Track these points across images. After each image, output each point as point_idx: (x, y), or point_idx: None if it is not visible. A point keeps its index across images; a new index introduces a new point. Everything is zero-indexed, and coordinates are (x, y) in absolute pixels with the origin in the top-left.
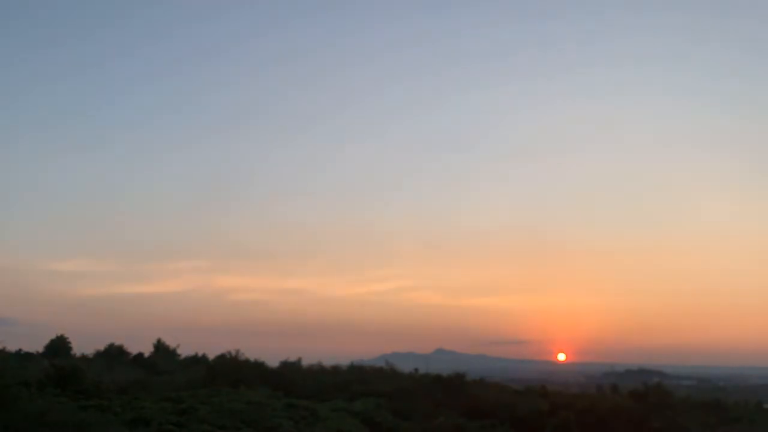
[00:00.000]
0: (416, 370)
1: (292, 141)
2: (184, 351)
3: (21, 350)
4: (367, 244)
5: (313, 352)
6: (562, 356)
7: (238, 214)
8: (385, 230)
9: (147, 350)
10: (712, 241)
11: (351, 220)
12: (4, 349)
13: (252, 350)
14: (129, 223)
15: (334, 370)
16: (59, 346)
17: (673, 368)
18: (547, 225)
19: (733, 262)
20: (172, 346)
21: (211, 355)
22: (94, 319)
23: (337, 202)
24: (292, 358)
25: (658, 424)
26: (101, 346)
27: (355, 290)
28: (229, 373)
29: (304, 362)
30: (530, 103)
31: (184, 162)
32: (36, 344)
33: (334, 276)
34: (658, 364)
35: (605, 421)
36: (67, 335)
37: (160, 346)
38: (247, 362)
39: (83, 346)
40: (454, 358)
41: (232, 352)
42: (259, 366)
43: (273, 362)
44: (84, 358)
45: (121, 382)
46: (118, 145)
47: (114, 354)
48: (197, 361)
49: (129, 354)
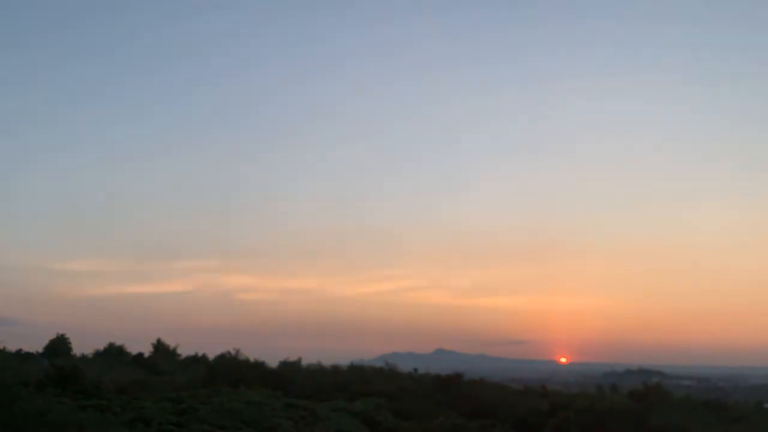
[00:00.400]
0: (416, 370)
1: (301, 141)
2: (186, 351)
3: (21, 350)
4: (375, 245)
5: (313, 352)
6: (562, 357)
7: (246, 214)
8: (394, 231)
9: (150, 350)
10: (712, 242)
11: (359, 221)
12: (4, 349)
13: (256, 350)
14: (137, 223)
15: (334, 370)
16: (59, 346)
17: (673, 368)
18: (549, 226)
19: (733, 262)
20: (173, 346)
21: (212, 355)
22: (98, 319)
23: (344, 203)
24: (292, 358)
25: (657, 424)
26: (102, 346)
27: (361, 290)
28: (229, 373)
29: (304, 362)
30: (535, 105)
31: (192, 161)
32: (38, 344)
33: (342, 276)
34: (658, 364)
35: (605, 421)
36: (71, 335)
37: (160, 346)
38: (246, 362)
39: (84, 346)
40: (454, 358)
41: (232, 352)
42: (259, 366)
43: (273, 362)
44: (84, 358)
45: (121, 382)
46: (124, 145)
47: (114, 354)
48: (197, 361)
49: (129, 354)
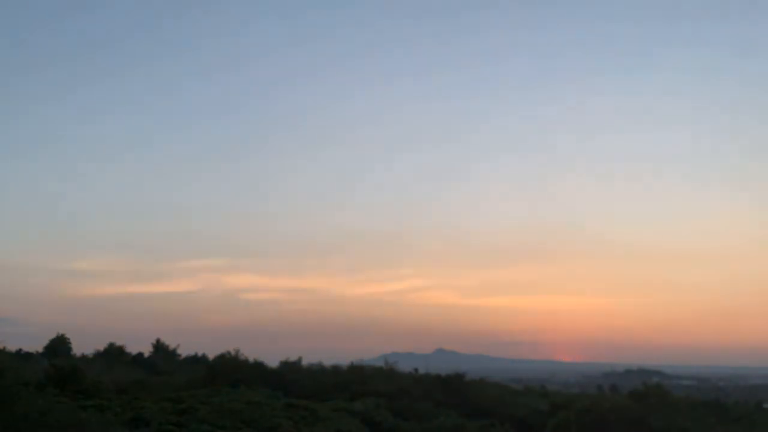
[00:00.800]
0: (416, 370)
1: (309, 142)
2: (187, 351)
3: (21, 350)
4: (383, 245)
5: (315, 352)
6: (563, 357)
7: (256, 213)
8: (403, 231)
9: (150, 350)
10: (712, 242)
11: (368, 221)
12: (4, 349)
13: (258, 350)
14: (146, 223)
15: (335, 370)
16: (59, 346)
17: (673, 368)
18: (550, 227)
19: (733, 262)
20: (173, 346)
21: (213, 355)
22: (102, 319)
23: (354, 203)
24: (292, 358)
25: (657, 424)
26: (103, 346)
27: (367, 290)
28: (229, 373)
29: (305, 362)
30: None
31: (201, 161)
32: (38, 344)
33: (349, 276)
34: (658, 364)
35: (605, 421)
36: (75, 335)
37: (159, 346)
38: (246, 362)
39: (85, 346)
40: (454, 358)
41: (232, 352)
42: (259, 366)
43: (273, 362)
44: (84, 358)
45: (121, 382)
46: (133, 146)
47: (114, 354)
48: (197, 361)
49: (129, 354)
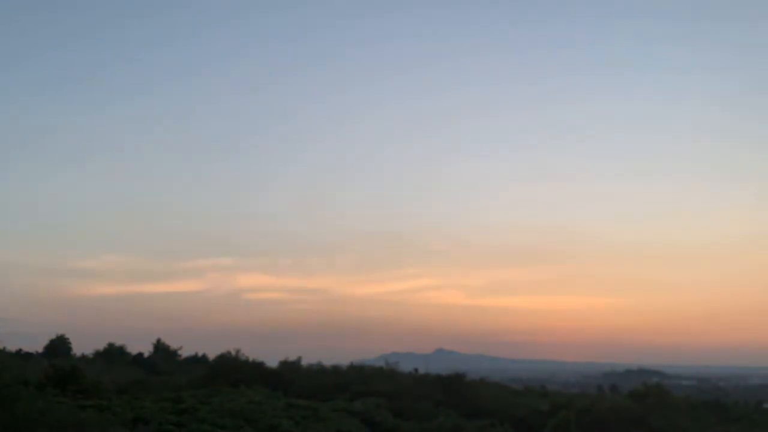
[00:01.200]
0: (416, 370)
1: (320, 142)
2: (189, 351)
3: (21, 350)
4: (391, 245)
5: (316, 352)
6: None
7: (264, 213)
8: (412, 231)
9: (151, 350)
10: (713, 242)
11: (378, 221)
12: (4, 349)
13: (260, 350)
14: (156, 222)
15: (335, 370)
16: (59, 346)
17: (673, 368)
18: (551, 228)
19: (733, 262)
20: (174, 346)
21: (214, 355)
22: (105, 319)
23: (362, 202)
24: (292, 358)
25: (657, 424)
26: (102, 346)
27: (374, 290)
28: (229, 373)
29: (304, 362)
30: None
31: (211, 161)
32: (38, 344)
33: (357, 275)
34: (658, 364)
35: (605, 421)
36: (79, 335)
37: (159, 346)
38: (246, 362)
39: (86, 346)
40: (454, 358)
41: (232, 352)
42: (259, 366)
43: (274, 362)
44: (84, 358)
45: (121, 382)
46: (141, 145)
47: (114, 354)
48: (197, 361)
49: (129, 354)
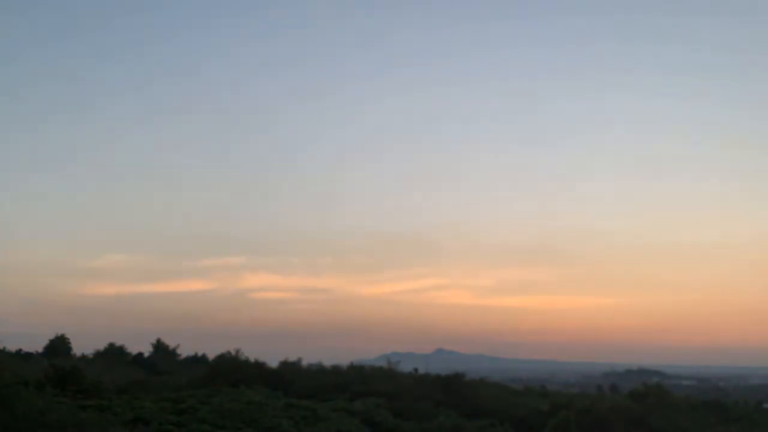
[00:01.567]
0: (416, 370)
1: (330, 142)
2: (188, 351)
3: (21, 350)
4: (401, 245)
5: (318, 352)
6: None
7: (275, 212)
8: (420, 230)
9: (150, 350)
10: (713, 242)
11: (387, 220)
12: (4, 349)
13: (261, 350)
14: (164, 220)
15: (335, 370)
16: (59, 346)
17: (673, 368)
18: (552, 228)
19: (733, 262)
20: (173, 345)
21: (214, 355)
22: (112, 319)
23: (372, 202)
24: (292, 358)
25: (657, 424)
26: (102, 346)
27: (381, 289)
28: (229, 373)
29: (305, 362)
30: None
31: (219, 160)
32: (38, 344)
33: (364, 275)
34: (658, 364)
35: (605, 421)
36: (83, 335)
37: (159, 346)
38: (246, 362)
39: (84, 346)
40: (454, 358)
41: (232, 352)
42: (259, 366)
43: (273, 362)
44: (84, 358)
45: (121, 382)
46: (146, 144)
47: (114, 354)
48: (197, 361)
49: (129, 354)
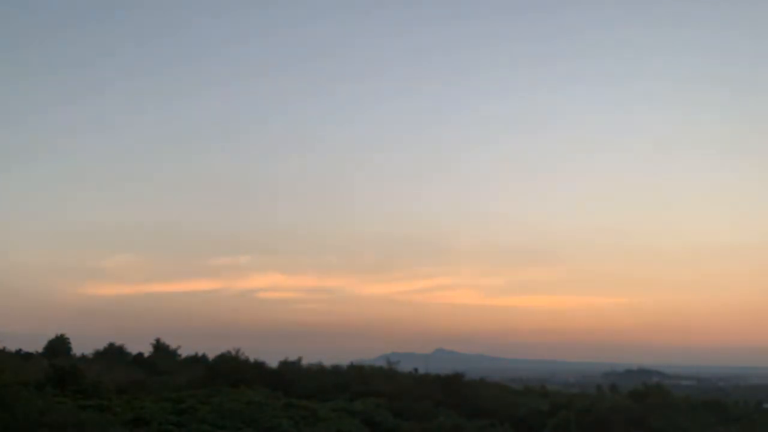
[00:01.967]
0: (416, 370)
1: (339, 141)
2: (189, 351)
3: (21, 350)
4: (409, 245)
5: (318, 352)
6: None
7: (284, 212)
8: (427, 231)
9: (150, 350)
10: (713, 242)
11: (395, 220)
12: (4, 349)
13: (262, 350)
14: (173, 219)
15: (334, 370)
16: (59, 346)
17: (673, 368)
18: (553, 227)
19: (734, 262)
20: (174, 346)
21: (214, 355)
22: (116, 319)
23: (381, 201)
24: (292, 358)
25: (657, 424)
26: (102, 346)
27: (388, 289)
28: (229, 373)
29: (305, 362)
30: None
31: (228, 159)
32: (38, 344)
33: (371, 275)
34: (658, 364)
35: (605, 421)
36: (85, 335)
37: (159, 346)
38: (246, 362)
39: (84, 346)
40: (454, 358)
41: (232, 352)
42: (259, 366)
43: (275, 362)
44: (83, 358)
45: (121, 382)
46: (150, 144)
47: (114, 354)
48: (197, 361)
49: (129, 354)
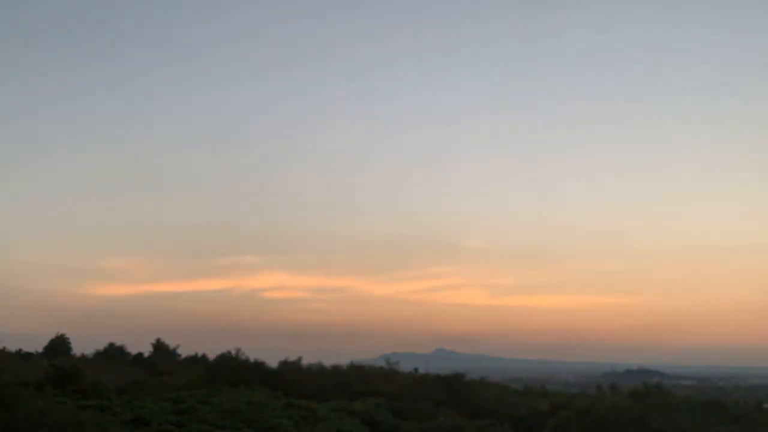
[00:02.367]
0: (416, 370)
1: (347, 141)
2: (188, 351)
3: (21, 350)
4: (416, 245)
5: (319, 352)
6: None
7: (294, 212)
8: (435, 231)
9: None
10: (713, 243)
11: (400, 220)
12: (4, 349)
13: (262, 350)
14: (177, 219)
15: (334, 370)
16: (59, 346)
17: (673, 368)
18: (553, 227)
19: (734, 263)
20: (174, 345)
21: (212, 355)
22: (119, 319)
23: (388, 202)
24: (292, 358)
25: (657, 424)
26: (102, 346)
27: (394, 289)
28: (229, 373)
29: (305, 362)
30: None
31: (234, 158)
32: (38, 344)
33: (379, 274)
34: (658, 364)
35: (605, 421)
36: (87, 335)
37: (159, 346)
38: (246, 362)
39: (84, 346)
40: (454, 358)
41: (232, 352)
42: (259, 366)
43: (273, 362)
44: (84, 358)
45: (121, 382)
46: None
47: (114, 354)
48: (197, 361)
49: (129, 354)
